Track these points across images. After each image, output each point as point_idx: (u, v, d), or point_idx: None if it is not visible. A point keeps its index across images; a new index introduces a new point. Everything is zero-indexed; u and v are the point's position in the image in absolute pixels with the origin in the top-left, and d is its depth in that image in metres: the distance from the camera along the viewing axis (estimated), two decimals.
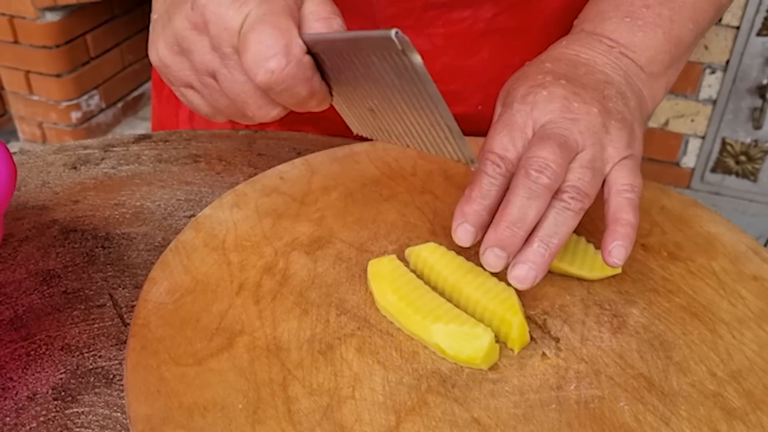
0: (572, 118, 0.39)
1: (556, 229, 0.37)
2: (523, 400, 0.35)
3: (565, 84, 0.41)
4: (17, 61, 1.91)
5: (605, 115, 0.40)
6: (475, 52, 0.58)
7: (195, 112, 0.41)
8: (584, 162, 0.39)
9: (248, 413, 0.34)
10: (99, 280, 0.45)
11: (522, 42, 0.58)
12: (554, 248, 0.37)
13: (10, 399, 0.38)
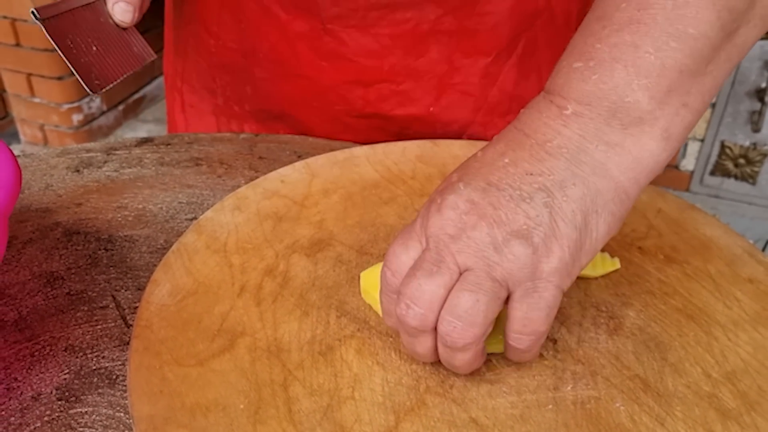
0: (453, 235, 0.34)
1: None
2: (520, 400, 0.36)
3: (462, 189, 0.35)
4: (19, 63, 1.92)
5: (497, 233, 0.33)
6: (423, 52, 0.59)
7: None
8: (464, 285, 0.33)
9: (250, 413, 0.35)
10: (102, 282, 0.46)
11: (470, 44, 0.58)
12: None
13: (14, 399, 0.38)
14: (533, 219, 0.33)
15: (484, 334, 0.34)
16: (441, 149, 0.56)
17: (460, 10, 0.56)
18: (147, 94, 2.23)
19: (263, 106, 0.66)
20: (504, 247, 0.33)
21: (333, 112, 0.62)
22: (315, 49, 0.59)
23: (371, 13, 0.56)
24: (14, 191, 0.36)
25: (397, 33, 0.57)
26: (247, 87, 0.65)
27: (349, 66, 0.59)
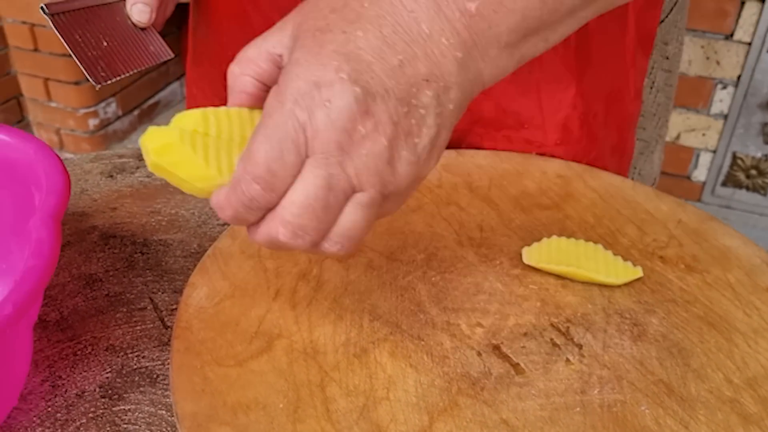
0: (347, 152, 0.31)
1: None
2: (549, 402, 0.37)
3: (358, 93, 0.31)
4: (36, 68, 1.94)
5: (394, 146, 0.32)
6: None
7: None
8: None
9: (289, 412, 0.36)
10: (139, 284, 0.47)
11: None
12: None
13: (60, 396, 0.40)
14: (425, 135, 0.33)
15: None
16: (465, 159, 0.57)
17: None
18: (162, 99, 2.25)
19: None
20: (399, 164, 0.32)
21: None
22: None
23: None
24: (65, 196, 0.37)
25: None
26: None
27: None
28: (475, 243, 0.48)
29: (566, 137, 0.62)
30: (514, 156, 0.58)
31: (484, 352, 0.40)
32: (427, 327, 0.42)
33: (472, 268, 0.46)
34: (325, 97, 0.31)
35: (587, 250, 0.46)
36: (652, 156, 0.95)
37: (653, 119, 0.83)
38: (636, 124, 0.71)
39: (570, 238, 0.47)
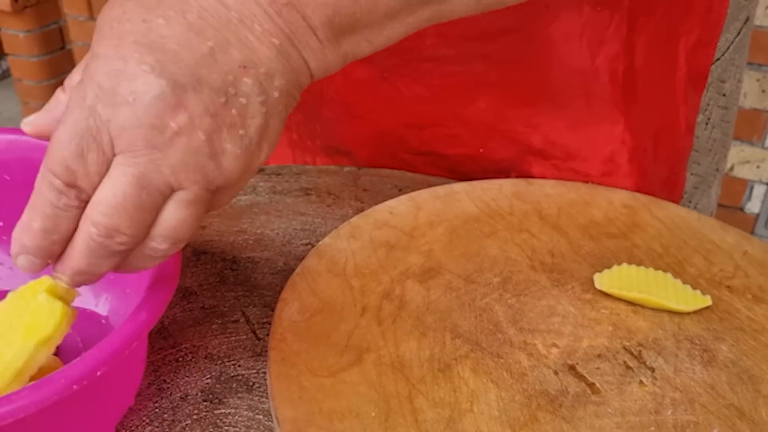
0: (159, 149, 0.30)
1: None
2: (624, 421, 0.39)
3: (165, 86, 0.30)
4: None
5: (215, 140, 0.31)
6: (471, 102, 0.62)
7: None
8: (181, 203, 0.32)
9: (380, 420, 0.39)
10: (231, 298, 0.51)
11: (515, 96, 0.62)
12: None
13: (166, 398, 0.43)
14: (251, 123, 0.32)
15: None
16: (535, 188, 0.60)
17: (505, 65, 0.60)
18: None
19: (330, 142, 0.71)
20: (221, 158, 0.32)
21: (391, 150, 0.67)
22: (374, 94, 0.64)
23: (422, 65, 0.61)
24: None
25: (446, 84, 0.62)
26: (317, 125, 0.70)
27: (405, 111, 0.64)
28: (547, 268, 0.51)
29: (613, 170, 0.64)
30: (581, 186, 0.60)
31: (561, 371, 0.43)
32: (505, 346, 0.44)
33: (545, 291, 0.48)
34: (127, 92, 0.29)
35: (657, 278, 0.48)
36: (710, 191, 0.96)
37: (709, 155, 0.85)
38: (687, 160, 0.73)
39: (639, 266, 0.49)
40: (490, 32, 0.58)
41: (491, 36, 0.58)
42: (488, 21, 0.57)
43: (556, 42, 0.58)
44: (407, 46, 0.59)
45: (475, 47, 0.58)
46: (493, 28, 0.57)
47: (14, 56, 2.10)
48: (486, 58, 0.59)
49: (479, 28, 0.57)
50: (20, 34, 2.05)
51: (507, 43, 0.58)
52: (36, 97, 2.15)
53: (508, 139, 0.63)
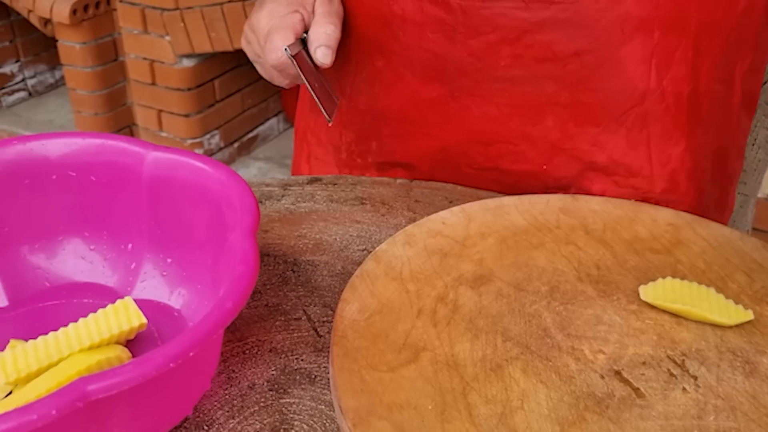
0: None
1: None
2: (668, 424, 0.42)
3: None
4: (152, 100, 2.10)
5: None
6: (539, 120, 0.65)
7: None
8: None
9: (437, 413, 0.41)
10: (293, 298, 0.54)
11: (583, 115, 0.64)
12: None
13: (234, 387, 0.46)
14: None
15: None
16: (580, 203, 0.62)
17: (575, 85, 0.62)
18: (260, 133, 2.38)
19: (387, 158, 0.74)
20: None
21: (455, 165, 0.70)
22: (442, 113, 0.67)
23: (494, 85, 0.64)
24: (257, 215, 0.44)
25: (516, 103, 0.64)
26: (372, 143, 0.73)
27: (472, 128, 0.67)
28: (593, 279, 0.53)
29: (673, 189, 0.66)
30: (626, 203, 0.63)
31: (607, 375, 0.45)
32: (553, 350, 0.47)
33: (591, 301, 0.51)
34: None
35: (700, 292, 0.50)
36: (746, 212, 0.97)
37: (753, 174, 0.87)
38: (738, 181, 0.75)
39: (683, 280, 0.51)
40: (564, 54, 0.60)
41: (564, 58, 0.61)
42: (563, 43, 0.60)
43: (626, 64, 0.61)
44: (481, 67, 0.63)
45: (547, 68, 0.61)
46: (567, 50, 0.60)
47: (69, 66, 2.19)
48: (557, 79, 0.62)
49: (554, 50, 0.60)
50: (76, 46, 2.13)
51: (579, 65, 0.61)
52: (88, 106, 2.23)
53: (571, 157, 0.66)
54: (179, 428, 0.43)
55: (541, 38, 0.60)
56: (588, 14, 0.59)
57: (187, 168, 0.49)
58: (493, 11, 0.59)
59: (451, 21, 0.61)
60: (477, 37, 0.61)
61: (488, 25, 0.60)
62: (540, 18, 0.59)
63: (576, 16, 0.59)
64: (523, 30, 0.60)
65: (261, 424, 0.44)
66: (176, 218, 0.51)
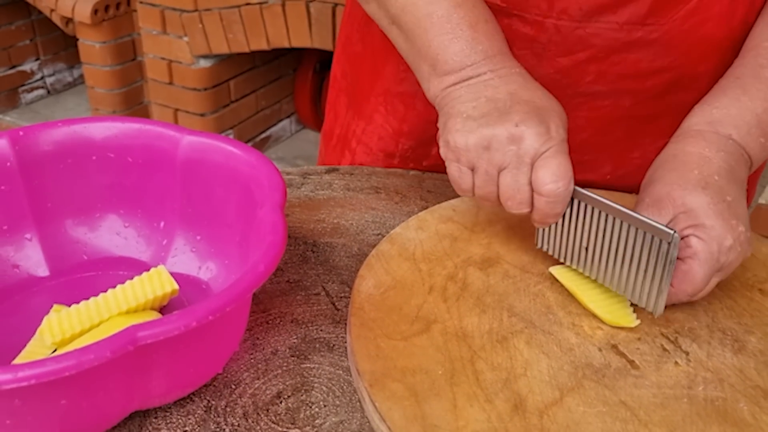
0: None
1: None
2: (660, 392, 0.45)
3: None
4: (169, 99, 2.15)
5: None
6: (611, 132, 0.68)
7: (453, 183, 0.53)
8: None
9: (447, 377, 0.45)
10: (313, 275, 0.58)
11: (653, 126, 0.67)
12: None
13: (259, 352, 0.50)
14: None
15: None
16: None
17: (652, 100, 0.65)
18: (273, 133, 2.42)
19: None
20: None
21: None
22: None
23: (575, 99, 0.66)
24: (284, 192, 0.48)
25: (592, 116, 0.67)
26: (433, 147, 0.74)
27: None
28: None
29: None
30: (626, 196, 0.66)
31: (604, 348, 0.48)
32: (555, 325, 0.50)
33: None
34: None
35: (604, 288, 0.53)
36: None
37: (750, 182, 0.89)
38: (758, 179, 0.78)
39: None
40: (646, 71, 0.63)
41: (645, 75, 0.63)
42: (649, 61, 0.62)
43: (701, 80, 0.64)
44: (566, 83, 0.65)
45: (627, 84, 0.64)
46: (651, 67, 0.63)
47: (89, 65, 2.24)
48: (635, 94, 0.65)
49: (637, 67, 0.63)
50: (96, 45, 2.18)
51: (658, 81, 0.64)
52: (106, 104, 2.28)
53: (637, 167, 0.69)
54: (209, 386, 0.47)
55: (629, 57, 0.63)
56: (675, 35, 0.61)
57: (219, 151, 0.53)
58: (587, 31, 0.62)
59: (543, 40, 0.63)
60: (567, 56, 0.64)
61: (581, 44, 0.63)
62: (632, 39, 0.61)
63: (665, 37, 0.61)
64: (613, 49, 0.62)
65: (284, 385, 0.47)
66: (207, 198, 0.55)
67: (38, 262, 0.55)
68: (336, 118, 0.84)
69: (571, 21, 0.62)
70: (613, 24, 0.61)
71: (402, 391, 0.44)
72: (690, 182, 0.50)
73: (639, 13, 0.60)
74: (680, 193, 0.50)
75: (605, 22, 0.61)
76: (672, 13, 0.60)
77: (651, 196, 0.52)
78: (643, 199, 0.52)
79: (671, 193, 0.50)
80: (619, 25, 0.61)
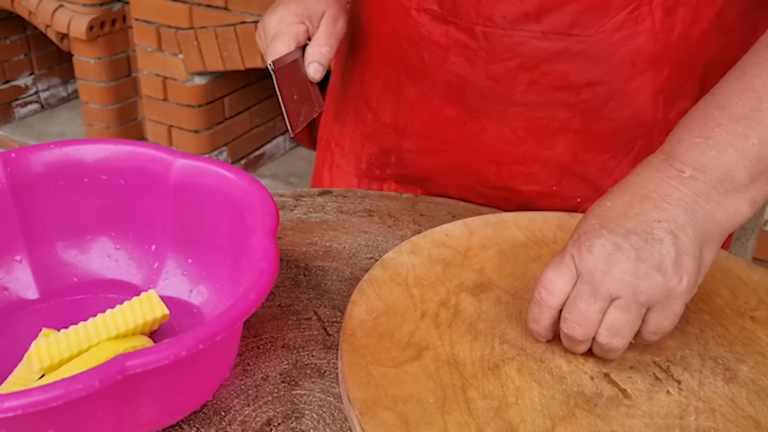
0: (605, 271, 0.46)
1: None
2: (652, 422, 0.45)
3: (606, 234, 0.47)
4: (163, 116, 2.15)
5: (639, 266, 0.46)
6: (551, 145, 0.69)
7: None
8: (617, 309, 0.46)
9: (438, 405, 0.45)
10: (304, 300, 0.58)
11: (593, 142, 0.68)
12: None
13: (249, 378, 0.50)
14: (665, 255, 0.46)
15: (629, 342, 0.47)
16: (574, 221, 0.65)
17: (587, 114, 0.66)
18: (267, 151, 2.42)
19: (405, 171, 0.77)
20: (646, 278, 0.45)
21: (469, 182, 0.74)
22: (460, 131, 0.71)
23: (511, 108, 0.68)
24: (277, 218, 0.48)
25: (530, 127, 0.68)
26: (391, 156, 0.77)
27: (487, 148, 0.70)
28: None
29: None
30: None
31: (596, 377, 0.48)
32: (547, 352, 0.50)
33: None
34: (585, 240, 0.48)
35: None
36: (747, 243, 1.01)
37: None
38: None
39: None
40: (578, 84, 0.64)
41: (578, 87, 0.64)
42: (578, 73, 0.64)
43: (636, 96, 0.64)
44: (500, 91, 0.66)
45: (561, 96, 0.65)
46: (581, 80, 0.64)
47: (83, 81, 2.24)
48: (570, 107, 0.66)
49: (568, 79, 0.64)
50: (91, 61, 2.18)
51: (591, 95, 0.65)
52: (100, 119, 2.28)
53: (581, 180, 0.70)
54: (199, 413, 0.46)
55: (557, 67, 0.64)
56: (602, 47, 0.62)
57: (212, 175, 0.53)
58: (513, 39, 0.63)
59: (474, 46, 0.65)
60: (497, 63, 0.65)
61: (508, 52, 0.64)
62: (557, 48, 0.63)
63: (591, 49, 0.62)
64: (541, 59, 0.64)
65: (274, 412, 0.47)
66: (199, 221, 0.54)
67: (28, 285, 0.55)
68: (325, 123, 0.88)
69: (497, 28, 0.63)
70: (537, 33, 0.63)
71: (393, 419, 0.44)
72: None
73: (562, 23, 0.61)
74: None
75: (529, 30, 0.63)
76: (597, 24, 0.61)
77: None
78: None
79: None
80: (543, 34, 0.62)
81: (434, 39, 0.67)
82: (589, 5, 0.60)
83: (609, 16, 0.61)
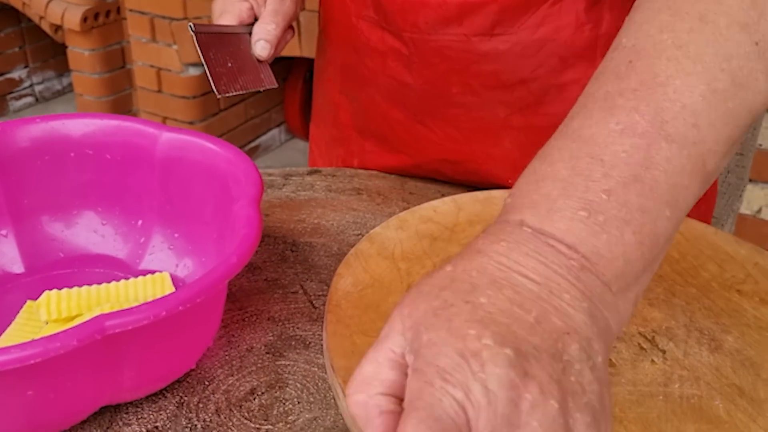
0: (517, 425, 0.28)
1: None
2: (635, 390, 0.45)
3: (511, 356, 0.29)
4: (158, 107, 2.14)
5: (565, 408, 0.29)
6: (498, 143, 0.69)
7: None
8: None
9: None
10: (291, 274, 0.58)
11: (538, 138, 0.66)
12: None
13: (234, 349, 0.50)
14: (588, 395, 0.30)
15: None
16: None
17: (524, 111, 0.66)
18: (262, 143, 2.42)
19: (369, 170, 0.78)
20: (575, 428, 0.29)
21: (428, 179, 0.74)
22: (410, 133, 0.71)
23: (451, 110, 0.68)
24: (261, 188, 0.48)
25: (474, 126, 0.68)
26: (354, 159, 0.78)
27: (439, 149, 0.71)
28: None
29: None
30: None
31: None
32: None
33: None
34: (475, 368, 0.28)
35: None
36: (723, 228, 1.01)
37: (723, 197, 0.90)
38: (713, 206, 0.79)
39: None
40: (510, 82, 0.65)
41: (511, 85, 0.65)
42: (509, 72, 0.64)
43: (572, 89, 0.64)
44: (436, 93, 0.67)
45: (497, 95, 0.65)
46: (513, 78, 0.64)
47: (78, 72, 2.24)
48: (508, 105, 0.66)
49: (499, 78, 0.64)
50: (85, 52, 2.18)
51: (526, 92, 0.65)
52: (94, 111, 2.27)
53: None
54: (182, 381, 0.46)
55: (486, 68, 0.64)
56: (527, 44, 0.62)
57: (198, 148, 0.53)
58: (440, 44, 0.64)
59: (406, 52, 0.66)
60: (429, 68, 0.66)
61: (437, 56, 0.65)
62: (483, 50, 0.63)
63: (516, 47, 0.63)
64: (469, 61, 0.64)
65: (258, 381, 0.47)
66: (185, 196, 0.54)
67: (13, 259, 0.55)
68: (311, 122, 0.88)
69: (422, 34, 0.64)
70: (461, 36, 0.63)
71: None
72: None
73: (484, 24, 0.62)
74: None
75: (453, 34, 0.63)
76: (519, 22, 0.61)
77: None
78: None
79: None
80: (467, 37, 0.63)
81: (373, 45, 0.68)
82: (509, 4, 0.61)
83: (530, 12, 0.61)
